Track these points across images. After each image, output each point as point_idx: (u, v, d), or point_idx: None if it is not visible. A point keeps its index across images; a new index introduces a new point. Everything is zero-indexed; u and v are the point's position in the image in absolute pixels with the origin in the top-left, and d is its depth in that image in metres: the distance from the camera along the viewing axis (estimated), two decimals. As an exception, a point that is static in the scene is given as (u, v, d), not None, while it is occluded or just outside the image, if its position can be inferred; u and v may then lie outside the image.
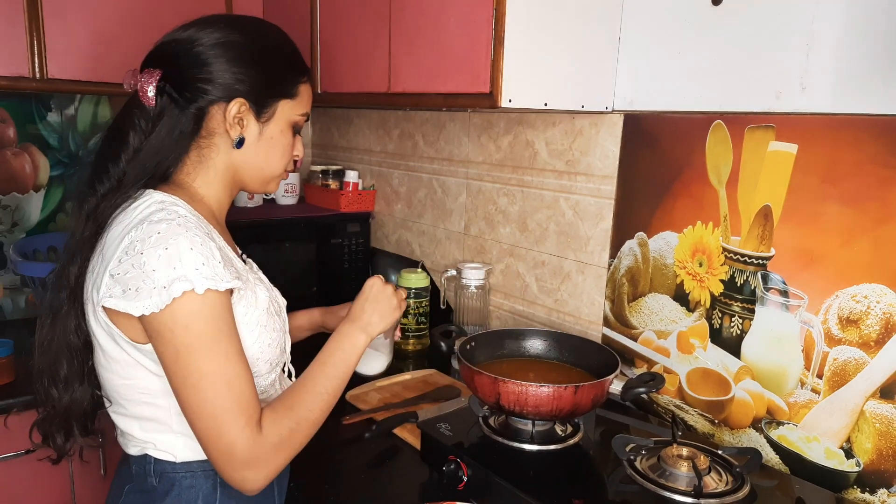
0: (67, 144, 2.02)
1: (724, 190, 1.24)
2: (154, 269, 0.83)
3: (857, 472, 1.10)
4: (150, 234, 0.85)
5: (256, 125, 0.98)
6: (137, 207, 0.90)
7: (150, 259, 0.83)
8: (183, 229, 0.86)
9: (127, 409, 0.95)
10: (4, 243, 1.95)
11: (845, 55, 1.06)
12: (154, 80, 0.92)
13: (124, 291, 0.84)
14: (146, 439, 0.95)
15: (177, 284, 0.82)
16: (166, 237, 0.84)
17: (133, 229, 0.87)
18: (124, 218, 0.90)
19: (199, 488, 0.96)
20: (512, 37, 1.20)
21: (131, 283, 0.84)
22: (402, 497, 1.13)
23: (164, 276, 0.83)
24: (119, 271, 0.85)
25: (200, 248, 0.86)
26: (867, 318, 1.06)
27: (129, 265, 0.84)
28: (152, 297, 0.82)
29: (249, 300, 0.95)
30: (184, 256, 0.84)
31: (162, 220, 0.86)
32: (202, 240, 0.87)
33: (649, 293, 1.40)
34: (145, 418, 0.94)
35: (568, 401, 1.08)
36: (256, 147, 0.99)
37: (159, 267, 0.83)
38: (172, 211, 0.88)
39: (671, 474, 1.02)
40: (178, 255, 0.83)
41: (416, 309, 1.78)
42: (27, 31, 1.62)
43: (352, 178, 2.20)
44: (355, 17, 1.59)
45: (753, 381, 1.23)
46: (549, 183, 1.60)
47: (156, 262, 0.83)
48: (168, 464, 0.95)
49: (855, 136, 1.06)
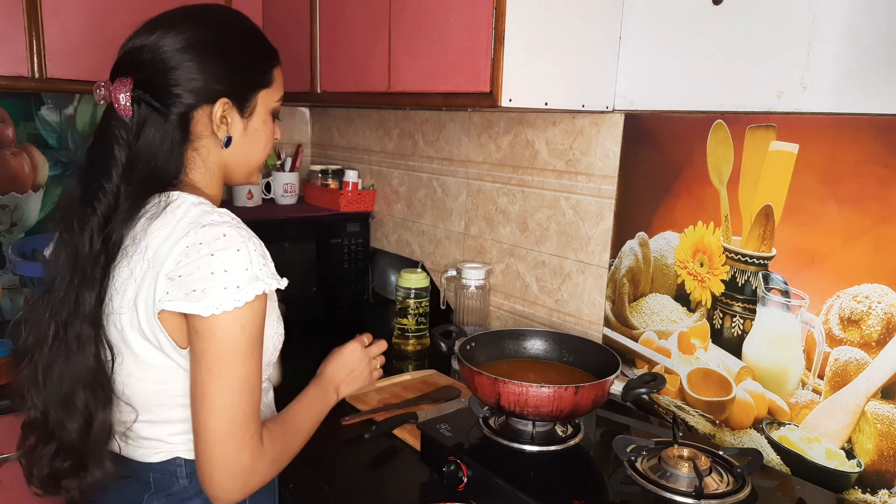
0: (67, 144, 2.01)
1: (725, 190, 1.24)
2: (226, 270, 0.84)
3: (858, 473, 1.09)
4: (216, 237, 0.85)
5: (241, 121, 0.98)
6: (177, 210, 0.89)
7: (221, 260, 0.84)
8: (245, 231, 0.88)
9: (158, 414, 0.93)
10: (3, 243, 1.95)
11: (846, 55, 1.06)
12: (126, 89, 0.89)
13: (186, 294, 0.83)
14: (176, 442, 0.94)
15: (254, 284, 0.85)
16: (235, 239, 0.86)
17: (191, 231, 0.86)
18: (165, 223, 0.88)
19: None
20: (512, 36, 1.20)
21: (197, 284, 0.83)
22: (402, 498, 1.13)
23: (239, 276, 0.84)
24: (181, 273, 0.84)
25: (261, 248, 0.90)
26: (868, 319, 1.06)
27: (195, 266, 0.84)
28: (225, 297, 0.83)
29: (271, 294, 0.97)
30: (254, 258, 0.86)
31: (222, 222, 0.87)
32: (257, 241, 0.90)
33: (650, 293, 1.39)
34: (177, 420, 0.93)
35: (568, 401, 1.08)
36: (243, 142, 0.99)
37: (231, 268, 0.84)
38: (223, 213, 0.90)
39: (672, 475, 1.02)
40: (248, 257, 0.86)
41: (416, 309, 1.77)
42: (26, 30, 1.62)
43: (351, 177, 2.20)
44: (355, 16, 1.59)
45: (754, 381, 1.22)
46: (549, 183, 1.60)
47: (228, 263, 0.84)
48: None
49: (856, 136, 1.06)
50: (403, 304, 1.78)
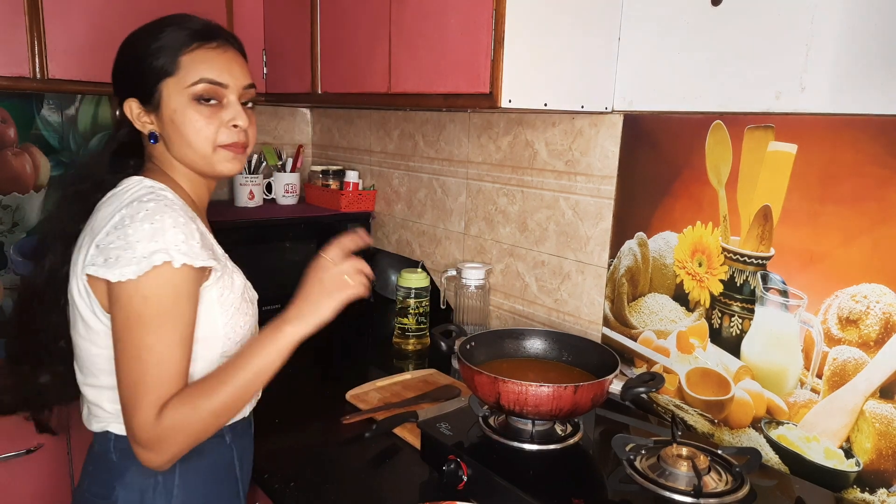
0: (68, 145, 2.02)
1: (724, 190, 1.24)
2: (138, 241, 0.89)
3: (856, 472, 1.10)
4: (139, 210, 0.91)
5: (154, 115, 1.00)
6: (128, 191, 0.97)
7: (135, 232, 0.89)
8: (169, 209, 0.92)
9: (99, 379, 0.98)
10: (5, 243, 1.96)
11: (845, 55, 1.07)
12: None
13: (106, 260, 0.89)
14: (112, 411, 0.98)
15: (157, 255, 0.88)
16: (153, 214, 0.91)
17: (124, 207, 0.93)
18: (115, 200, 0.97)
19: None
20: (512, 37, 1.20)
21: (113, 252, 0.89)
22: (402, 497, 1.13)
23: (146, 247, 0.88)
24: (105, 242, 0.91)
25: (183, 226, 0.92)
26: (867, 318, 1.07)
27: (115, 237, 0.90)
28: (131, 265, 0.88)
29: (226, 283, 1.00)
30: (167, 232, 0.90)
31: (151, 199, 0.93)
32: (185, 220, 0.93)
33: (649, 293, 1.40)
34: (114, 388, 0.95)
35: (567, 400, 1.08)
36: (169, 133, 1.00)
37: (143, 238, 0.89)
38: (161, 195, 0.95)
39: (671, 474, 1.02)
40: (161, 230, 0.90)
41: (417, 309, 1.78)
42: (28, 31, 1.62)
43: (352, 178, 2.20)
44: (355, 17, 1.59)
45: (753, 380, 1.23)
46: (548, 183, 1.60)
47: (140, 235, 0.89)
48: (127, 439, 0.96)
49: (854, 137, 1.06)
50: (404, 304, 1.78)
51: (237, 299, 1.02)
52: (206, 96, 0.99)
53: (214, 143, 1.00)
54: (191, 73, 0.98)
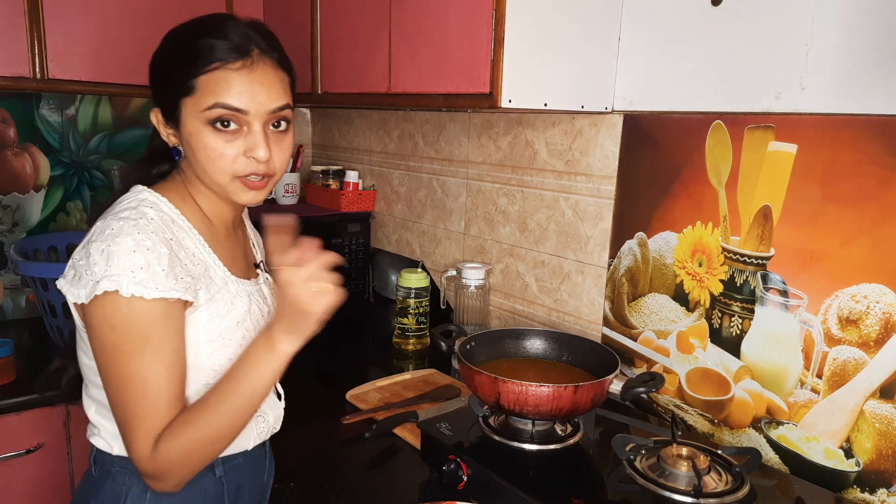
0: (68, 145, 2.02)
1: (724, 190, 1.24)
2: (95, 262, 0.84)
3: (856, 472, 1.10)
4: (105, 228, 0.86)
5: (175, 131, 0.93)
6: (122, 202, 0.93)
7: (94, 251, 0.85)
8: (136, 230, 0.85)
9: (89, 390, 0.98)
10: (5, 243, 1.96)
11: (845, 55, 1.07)
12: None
13: (71, 276, 0.87)
14: (96, 423, 0.97)
15: (104, 282, 0.83)
16: (115, 234, 0.85)
17: (100, 220, 0.89)
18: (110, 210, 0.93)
19: (128, 485, 0.95)
20: (512, 37, 1.20)
21: (78, 269, 0.86)
22: (402, 497, 1.13)
23: (99, 270, 0.84)
24: (76, 256, 0.88)
25: (146, 252, 0.84)
26: (867, 318, 1.07)
27: (83, 253, 0.87)
28: (86, 287, 0.84)
29: (219, 310, 0.93)
30: (123, 257, 0.84)
31: (124, 217, 0.87)
32: (152, 244, 0.85)
33: (649, 293, 1.40)
34: (100, 402, 0.95)
35: (567, 400, 1.08)
36: (186, 151, 0.94)
37: (99, 261, 0.84)
38: (142, 211, 0.89)
39: (671, 474, 1.02)
40: (117, 254, 0.84)
41: (417, 309, 1.78)
42: (28, 31, 1.62)
43: (352, 178, 2.21)
44: (355, 17, 1.59)
45: (753, 380, 1.23)
46: (548, 183, 1.60)
47: (98, 256, 0.84)
48: (105, 454, 0.97)
49: (854, 137, 1.06)
50: (404, 304, 1.78)
51: (229, 328, 0.94)
52: (223, 121, 0.89)
53: (232, 174, 0.91)
54: (206, 96, 0.88)
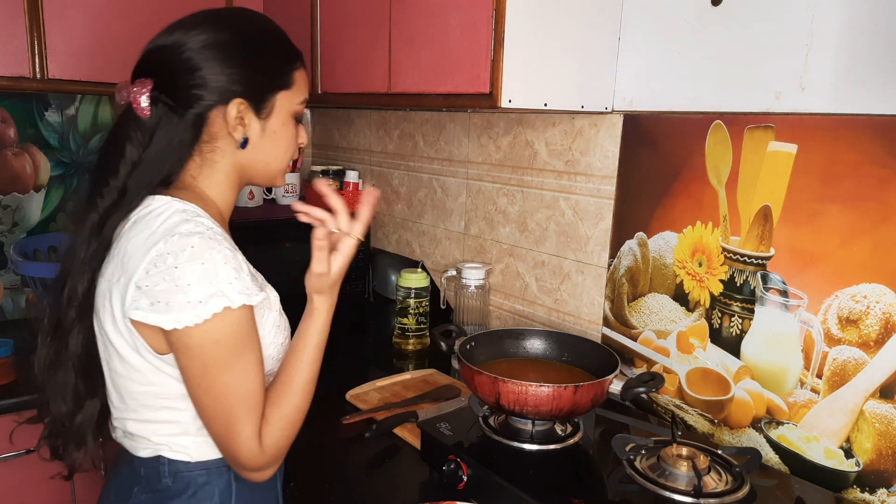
0: (68, 144, 2.02)
1: (724, 190, 1.24)
2: (189, 284, 0.82)
3: (856, 472, 1.10)
4: (183, 248, 0.83)
5: (258, 122, 0.95)
6: (159, 216, 0.88)
7: (185, 273, 0.82)
8: (216, 243, 0.86)
9: (143, 414, 0.94)
10: (5, 243, 1.96)
11: (845, 55, 1.07)
12: (147, 90, 0.90)
13: (152, 304, 0.83)
14: (161, 442, 0.95)
15: (215, 300, 0.83)
16: (202, 251, 0.84)
17: (161, 241, 0.85)
18: (144, 228, 0.88)
19: (214, 485, 0.96)
20: (512, 37, 1.20)
21: (161, 296, 0.83)
22: (402, 497, 1.13)
23: (201, 291, 0.82)
24: (148, 283, 0.84)
25: (232, 260, 0.86)
26: (867, 318, 1.07)
27: (161, 278, 0.83)
28: (185, 311, 0.82)
29: (265, 303, 0.95)
30: (220, 272, 0.84)
31: (193, 232, 0.85)
32: (232, 252, 0.87)
33: (649, 293, 1.40)
34: (163, 422, 0.94)
35: (567, 400, 1.08)
36: (260, 144, 0.97)
37: (195, 282, 0.82)
38: (200, 222, 0.88)
39: (671, 474, 1.02)
40: (214, 271, 0.83)
41: (416, 309, 1.78)
42: (28, 31, 1.62)
43: (352, 178, 2.21)
44: (355, 17, 1.59)
45: (753, 380, 1.23)
46: (548, 183, 1.60)
47: (191, 277, 0.82)
48: (182, 464, 0.95)
49: (854, 137, 1.06)
50: (404, 304, 1.78)
51: (276, 316, 0.98)
52: (299, 116, 1.00)
53: (289, 161, 1.02)
54: (299, 90, 0.99)
